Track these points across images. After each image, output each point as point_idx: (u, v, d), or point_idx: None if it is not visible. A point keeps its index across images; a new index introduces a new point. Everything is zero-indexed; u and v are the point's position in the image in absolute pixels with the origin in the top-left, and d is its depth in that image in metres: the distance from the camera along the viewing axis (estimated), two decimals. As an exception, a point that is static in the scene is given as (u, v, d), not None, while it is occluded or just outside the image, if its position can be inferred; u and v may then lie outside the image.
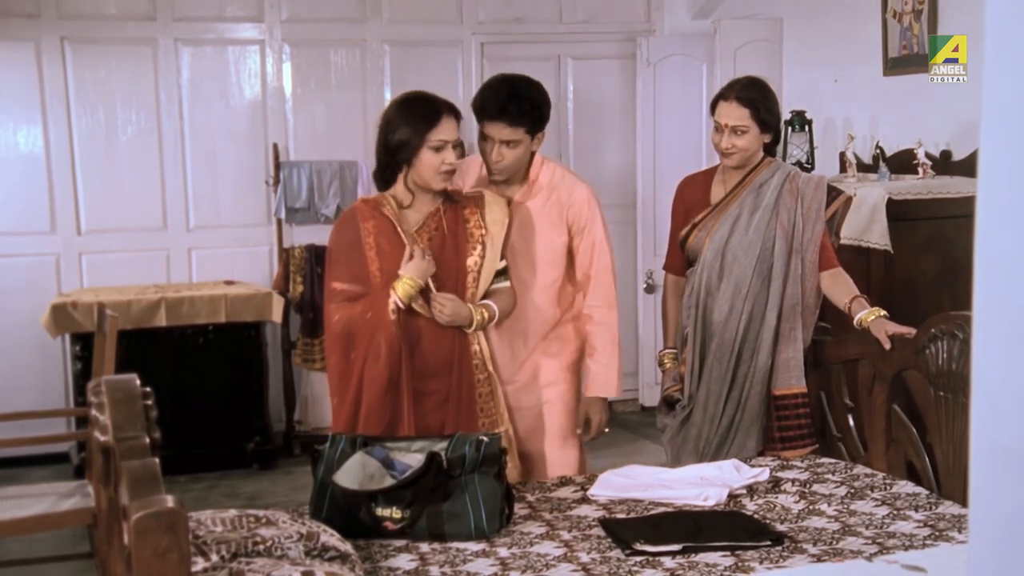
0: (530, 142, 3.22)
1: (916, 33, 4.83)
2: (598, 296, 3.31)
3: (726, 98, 3.33)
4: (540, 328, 3.30)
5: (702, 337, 3.35)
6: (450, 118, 3.06)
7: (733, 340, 3.32)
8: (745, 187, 3.37)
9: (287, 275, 5.97)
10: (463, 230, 3.12)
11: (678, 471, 3.06)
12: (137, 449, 1.86)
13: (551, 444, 3.33)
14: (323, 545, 2.26)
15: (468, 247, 3.11)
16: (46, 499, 3.54)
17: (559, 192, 3.28)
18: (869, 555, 2.44)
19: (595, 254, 3.30)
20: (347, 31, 6.18)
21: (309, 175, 6.03)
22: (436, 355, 3.07)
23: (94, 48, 5.85)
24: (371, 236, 3.06)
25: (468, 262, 3.10)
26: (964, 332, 2.85)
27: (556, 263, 3.29)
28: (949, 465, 2.92)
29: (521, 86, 3.20)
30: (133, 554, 1.58)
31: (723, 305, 3.33)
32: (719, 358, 3.33)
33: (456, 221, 3.12)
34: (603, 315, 3.32)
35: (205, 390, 5.59)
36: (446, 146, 3.02)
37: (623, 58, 6.54)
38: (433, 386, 3.08)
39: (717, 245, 3.35)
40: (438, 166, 3.02)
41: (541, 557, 2.47)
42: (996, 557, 0.94)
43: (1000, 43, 0.90)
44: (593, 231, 3.30)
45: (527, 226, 3.26)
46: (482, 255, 3.11)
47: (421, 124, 3.02)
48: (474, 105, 3.24)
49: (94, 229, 5.90)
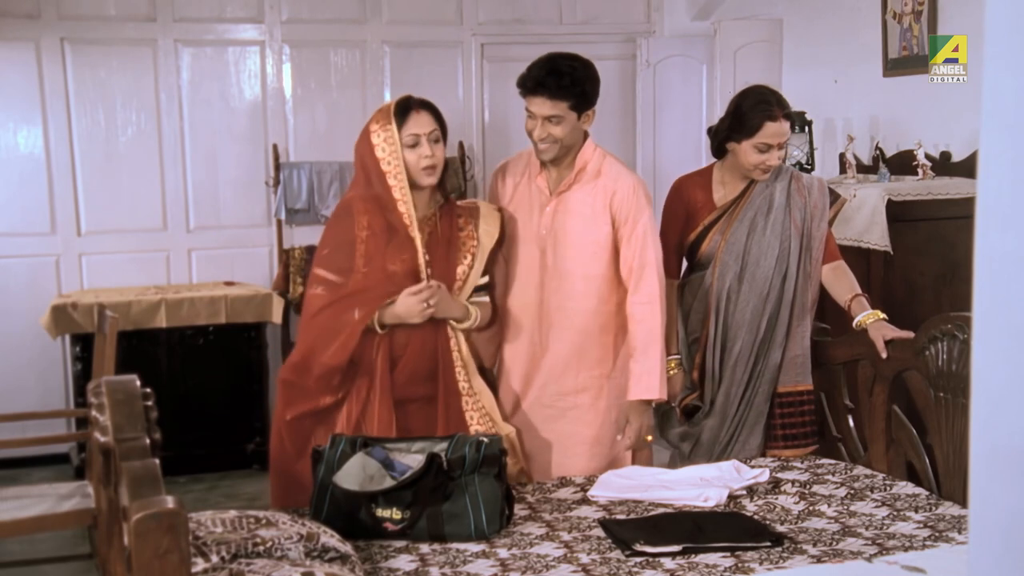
0: (576, 121, 3.11)
1: (916, 34, 4.83)
2: (642, 292, 3.17)
3: (774, 119, 3.23)
4: (579, 322, 3.20)
5: (723, 341, 3.33)
6: (420, 112, 3.01)
7: (753, 342, 3.30)
8: (752, 189, 3.36)
9: (287, 276, 5.97)
10: (456, 237, 3.10)
11: (678, 472, 3.06)
12: (137, 450, 1.86)
13: (575, 451, 3.23)
14: (323, 546, 2.26)
15: (459, 255, 3.09)
16: (46, 500, 3.54)
17: (604, 181, 3.18)
18: (869, 556, 2.44)
19: (640, 248, 3.17)
20: (347, 32, 6.19)
21: (309, 176, 6.03)
22: (419, 360, 3.03)
23: (94, 49, 5.85)
24: (364, 231, 3.02)
25: (457, 270, 3.08)
26: (964, 333, 2.85)
27: (599, 255, 3.18)
28: (949, 466, 2.92)
29: (563, 62, 3.11)
30: (133, 555, 1.58)
31: (744, 308, 3.30)
32: (740, 360, 3.31)
33: (451, 228, 3.10)
34: (646, 312, 3.17)
35: (205, 391, 5.59)
36: (419, 140, 2.98)
37: (623, 59, 6.54)
38: (417, 391, 3.04)
39: (736, 248, 3.32)
40: (416, 161, 3.00)
41: (541, 558, 2.47)
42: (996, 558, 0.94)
43: (1000, 43, 0.90)
44: (640, 224, 3.17)
45: (570, 215, 3.18)
46: (470, 266, 3.09)
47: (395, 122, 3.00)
48: (518, 82, 3.16)
49: (94, 230, 5.90)
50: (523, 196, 3.24)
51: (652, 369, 3.16)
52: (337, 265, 3.03)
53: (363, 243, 3.01)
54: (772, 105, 3.24)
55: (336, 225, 3.12)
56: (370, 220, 3.03)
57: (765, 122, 3.23)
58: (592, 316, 3.21)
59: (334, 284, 3.02)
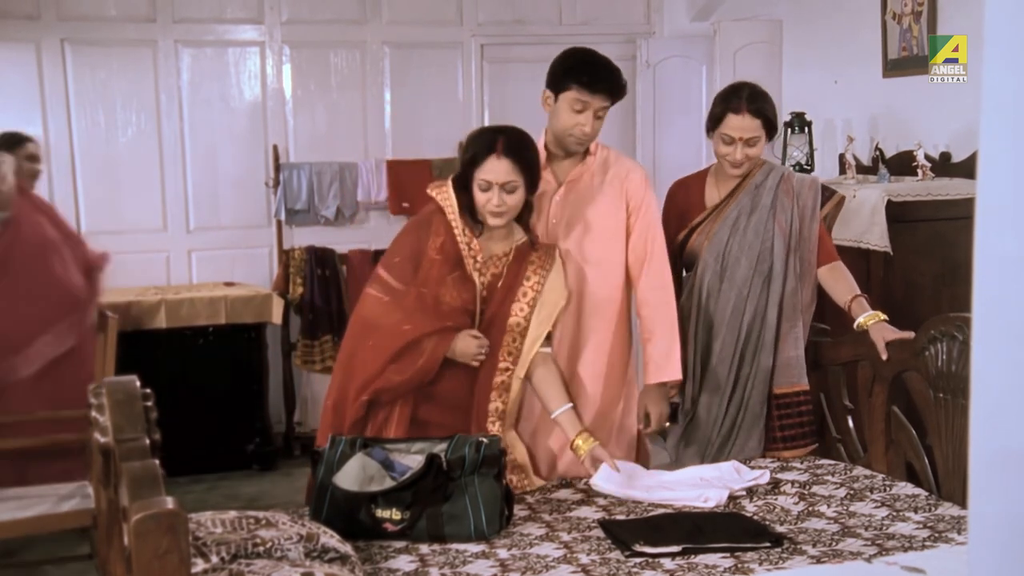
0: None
1: (915, 35, 4.83)
2: (655, 278, 3.20)
3: (737, 111, 3.27)
4: (598, 308, 3.20)
5: (704, 340, 3.35)
6: (502, 158, 2.86)
7: (735, 342, 3.31)
8: (741, 189, 3.37)
9: (287, 277, 5.98)
10: (519, 285, 2.98)
11: (678, 473, 3.06)
12: (137, 450, 1.86)
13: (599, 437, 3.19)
14: (323, 546, 2.26)
15: (517, 296, 2.98)
16: (46, 500, 3.54)
17: (617, 168, 3.22)
18: (868, 556, 2.44)
19: (651, 235, 3.21)
20: (347, 33, 6.19)
21: (309, 177, 6.04)
22: (455, 387, 2.96)
23: (94, 50, 5.85)
24: (438, 252, 2.93)
25: (510, 321, 2.96)
26: (964, 334, 2.85)
27: (619, 237, 3.20)
28: (949, 467, 2.92)
29: (606, 61, 3.16)
30: (133, 555, 1.58)
31: (725, 307, 3.32)
32: (722, 360, 3.33)
33: (519, 274, 2.98)
34: (660, 297, 3.20)
35: (205, 392, 5.58)
36: (491, 187, 2.87)
37: (623, 60, 6.48)
38: (441, 419, 2.94)
39: (717, 248, 3.34)
40: (484, 203, 2.89)
41: (541, 558, 2.47)
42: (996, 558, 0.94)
43: (999, 44, 0.91)
44: (649, 211, 3.23)
45: (584, 202, 3.18)
46: (526, 317, 2.97)
47: (474, 154, 2.89)
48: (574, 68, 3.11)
49: (94, 231, 5.89)
50: None
51: (671, 351, 3.20)
52: (404, 276, 2.95)
53: (430, 264, 2.93)
54: (740, 99, 3.28)
55: (412, 233, 3.02)
56: (444, 242, 2.95)
57: (728, 113, 3.28)
58: (610, 305, 3.22)
59: (396, 291, 2.94)
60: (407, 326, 2.89)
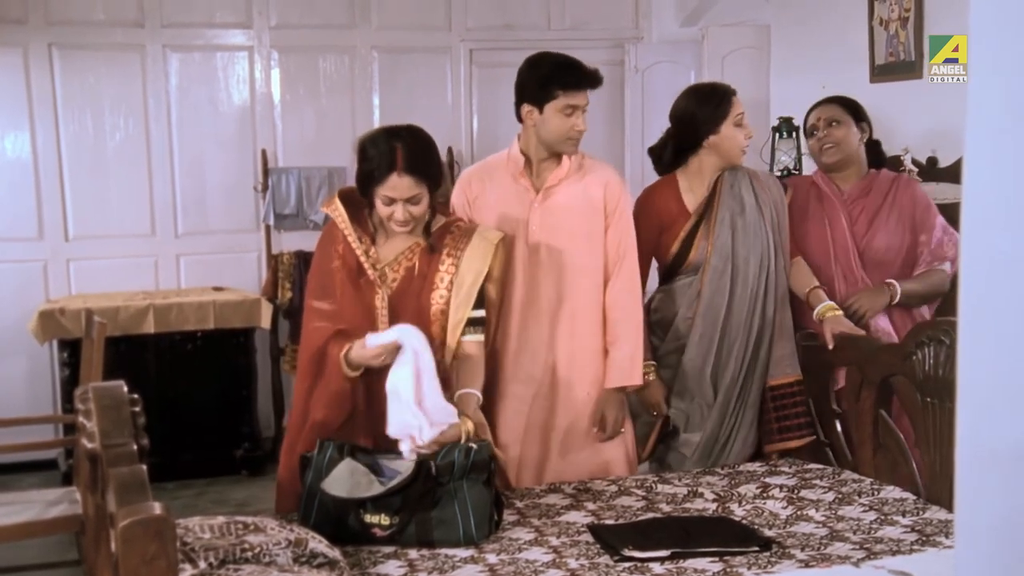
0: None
1: (903, 40, 4.85)
2: (626, 281, 3.21)
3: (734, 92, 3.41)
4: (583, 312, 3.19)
5: (719, 342, 3.34)
6: (403, 175, 2.77)
7: (747, 339, 3.32)
8: (718, 192, 3.39)
9: (276, 281, 5.97)
10: (435, 272, 2.91)
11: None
12: (124, 456, 1.86)
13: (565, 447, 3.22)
14: (311, 552, 2.26)
15: (435, 283, 2.91)
16: (34, 506, 3.52)
17: (595, 173, 3.22)
18: (857, 560, 2.44)
19: (625, 240, 3.22)
20: (336, 37, 6.19)
21: (298, 181, 6.03)
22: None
23: (82, 54, 5.84)
24: (338, 259, 2.90)
25: (431, 309, 2.89)
26: (950, 338, 2.86)
27: (598, 241, 3.20)
28: (936, 470, 2.93)
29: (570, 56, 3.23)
30: (120, 561, 1.58)
31: (740, 307, 3.32)
32: (736, 358, 3.33)
33: (431, 263, 2.91)
34: (629, 302, 3.21)
35: (193, 396, 5.57)
36: (395, 202, 2.80)
37: (611, 65, 6.53)
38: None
39: (724, 251, 3.34)
40: (388, 216, 2.83)
41: (530, 563, 2.47)
42: (983, 562, 0.94)
43: (984, 50, 0.91)
44: (624, 215, 3.23)
45: (562, 209, 3.17)
46: (446, 300, 2.89)
47: (371, 171, 2.82)
48: (553, 75, 3.11)
49: (82, 235, 5.89)
50: (510, 197, 3.21)
51: (634, 356, 3.20)
52: (323, 291, 2.91)
53: (338, 272, 2.89)
54: (728, 88, 3.42)
55: (319, 251, 2.99)
56: (344, 251, 2.91)
57: (732, 98, 3.38)
58: (593, 312, 3.21)
59: (327, 311, 2.88)
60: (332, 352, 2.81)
